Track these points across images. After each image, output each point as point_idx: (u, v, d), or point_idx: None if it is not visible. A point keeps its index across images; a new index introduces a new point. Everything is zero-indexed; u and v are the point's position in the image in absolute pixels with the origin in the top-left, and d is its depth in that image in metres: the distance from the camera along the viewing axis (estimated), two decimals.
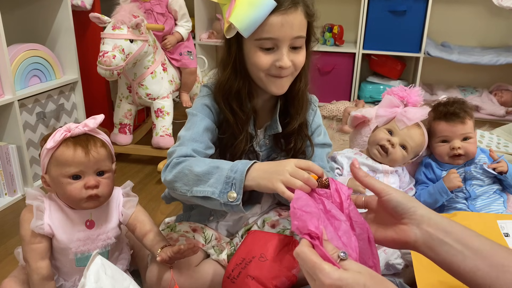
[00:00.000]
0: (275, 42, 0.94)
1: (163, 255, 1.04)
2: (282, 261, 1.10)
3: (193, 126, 1.05)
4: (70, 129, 1.03)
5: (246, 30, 0.92)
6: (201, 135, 1.04)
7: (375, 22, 3.04)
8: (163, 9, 2.16)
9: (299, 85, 1.04)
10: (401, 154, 1.34)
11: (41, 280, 1.05)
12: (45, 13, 2.09)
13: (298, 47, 0.97)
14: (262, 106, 1.11)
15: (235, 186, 0.87)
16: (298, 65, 0.99)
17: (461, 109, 1.38)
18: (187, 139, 1.03)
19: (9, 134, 1.83)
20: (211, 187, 0.90)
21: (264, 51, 0.96)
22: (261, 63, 0.96)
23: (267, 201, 1.33)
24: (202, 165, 0.93)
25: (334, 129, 2.73)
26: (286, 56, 0.95)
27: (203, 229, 1.22)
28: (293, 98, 1.06)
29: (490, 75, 3.22)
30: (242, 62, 1.01)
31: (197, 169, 0.92)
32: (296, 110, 1.07)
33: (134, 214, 1.15)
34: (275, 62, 0.96)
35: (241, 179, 0.87)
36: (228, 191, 0.88)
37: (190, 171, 0.94)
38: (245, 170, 0.87)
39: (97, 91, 2.34)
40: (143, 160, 2.19)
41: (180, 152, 1.00)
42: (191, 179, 0.94)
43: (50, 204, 1.08)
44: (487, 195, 1.37)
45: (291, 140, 1.09)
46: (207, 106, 1.07)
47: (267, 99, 1.09)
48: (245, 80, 1.02)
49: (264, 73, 0.98)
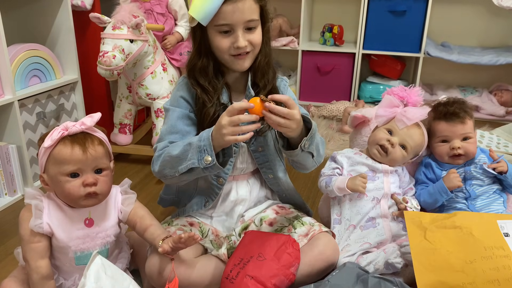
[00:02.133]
0: (230, 26, 1.09)
1: (165, 246, 1.05)
2: (280, 259, 1.11)
3: (167, 120, 1.21)
4: (68, 127, 1.04)
5: (204, 19, 1.08)
6: (175, 126, 1.18)
7: (375, 22, 3.04)
8: (163, 9, 2.16)
9: (259, 59, 1.18)
10: (400, 154, 1.34)
11: (41, 280, 1.05)
12: (45, 13, 2.09)
13: (252, 27, 1.12)
14: (235, 81, 1.23)
15: (206, 151, 1.04)
16: (255, 43, 1.13)
17: (461, 109, 1.37)
18: (164, 133, 1.19)
19: (9, 134, 1.83)
20: (191, 160, 1.06)
21: (223, 34, 1.11)
22: (221, 45, 1.12)
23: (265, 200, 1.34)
24: (177, 148, 1.10)
25: (334, 129, 2.73)
26: (242, 37, 1.10)
27: (199, 224, 1.24)
28: (257, 71, 1.20)
29: (490, 75, 3.22)
30: (207, 45, 1.15)
31: (175, 152, 1.10)
32: (262, 79, 1.20)
33: (133, 211, 1.15)
34: (233, 44, 1.11)
35: (209, 143, 1.03)
36: (204, 157, 1.04)
37: (170, 157, 1.11)
38: (209, 136, 1.03)
39: (97, 91, 2.34)
40: (143, 160, 2.19)
41: (160, 146, 1.16)
42: (174, 162, 1.10)
43: (49, 203, 1.08)
44: (487, 195, 1.37)
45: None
46: (179, 96, 1.21)
47: (238, 76, 1.22)
48: (209, 59, 1.16)
49: (227, 55, 1.13)
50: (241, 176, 1.28)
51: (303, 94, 3.28)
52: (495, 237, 1.13)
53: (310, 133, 1.06)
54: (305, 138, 1.06)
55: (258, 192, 1.32)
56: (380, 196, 1.32)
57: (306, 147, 1.07)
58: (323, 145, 1.21)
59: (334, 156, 1.42)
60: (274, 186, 1.32)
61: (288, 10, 3.35)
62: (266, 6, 1.15)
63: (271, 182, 1.31)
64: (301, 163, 1.18)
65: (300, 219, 1.27)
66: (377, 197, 1.32)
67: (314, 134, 1.09)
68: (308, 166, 1.19)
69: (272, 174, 1.28)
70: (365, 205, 1.31)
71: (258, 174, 1.31)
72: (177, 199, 1.36)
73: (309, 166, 1.19)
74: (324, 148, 1.22)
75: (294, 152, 1.08)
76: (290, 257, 1.12)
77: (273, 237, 1.17)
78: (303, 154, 1.10)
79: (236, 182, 1.28)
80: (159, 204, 1.43)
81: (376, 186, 1.33)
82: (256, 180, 1.32)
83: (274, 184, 1.32)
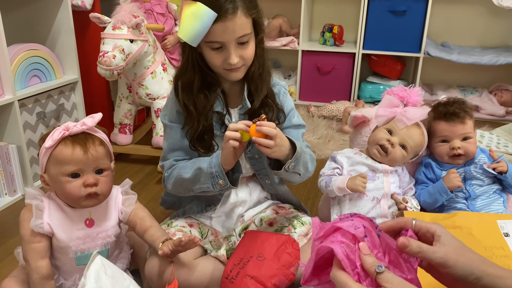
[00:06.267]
0: (221, 43, 1.08)
1: (164, 249, 1.05)
2: (280, 259, 1.11)
3: (167, 136, 1.23)
4: (68, 127, 1.04)
5: (193, 41, 1.07)
6: (176, 143, 1.21)
7: (375, 22, 3.04)
8: (163, 9, 2.16)
9: (253, 70, 1.18)
10: (400, 154, 1.34)
11: (41, 280, 1.05)
12: (45, 13, 2.09)
13: (245, 42, 1.10)
14: (231, 89, 1.23)
15: (219, 177, 1.10)
16: (247, 58, 1.13)
17: (461, 109, 1.37)
18: (166, 151, 1.23)
19: (9, 134, 1.83)
20: (205, 184, 1.12)
21: (215, 51, 1.10)
22: (214, 62, 1.11)
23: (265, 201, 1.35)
24: (188, 170, 1.15)
25: (334, 129, 2.73)
26: (234, 54, 1.09)
27: (199, 225, 1.24)
28: (251, 81, 1.20)
29: (490, 75, 3.22)
30: (196, 59, 1.14)
31: (186, 175, 1.14)
32: (256, 89, 1.20)
33: (133, 211, 1.15)
34: (225, 60, 1.10)
35: (221, 170, 1.09)
36: (217, 182, 1.10)
37: (182, 179, 1.16)
38: (219, 163, 1.08)
39: (97, 91, 2.34)
40: (143, 160, 2.19)
41: (166, 165, 1.22)
42: (187, 184, 1.16)
43: (49, 203, 1.08)
44: (487, 195, 1.37)
45: (261, 113, 1.18)
46: (176, 111, 1.21)
47: (233, 83, 1.22)
48: (195, 73, 1.15)
49: (220, 69, 1.13)
50: (241, 180, 1.28)
51: (303, 94, 3.28)
52: (495, 237, 1.13)
53: (295, 156, 1.08)
54: (290, 160, 1.08)
55: (258, 194, 1.33)
56: (380, 196, 1.32)
57: (291, 168, 1.09)
58: (312, 162, 1.22)
59: (334, 156, 1.42)
60: (272, 191, 1.34)
61: (288, 10, 3.35)
62: (260, 18, 1.13)
63: (268, 187, 1.32)
64: (287, 180, 1.21)
65: (300, 218, 1.27)
66: (377, 197, 1.32)
67: (299, 157, 1.10)
68: (295, 182, 1.21)
69: (268, 180, 1.29)
70: (365, 205, 1.31)
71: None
72: (179, 202, 1.36)
73: (296, 181, 1.21)
74: (314, 164, 1.23)
75: (279, 172, 1.10)
76: (290, 257, 1.12)
77: (273, 237, 1.17)
78: (288, 173, 1.12)
79: None
80: (161, 205, 1.43)
81: (376, 186, 1.33)
82: (256, 183, 1.32)
83: (272, 189, 1.33)
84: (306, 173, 1.18)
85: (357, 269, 0.64)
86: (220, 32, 1.05)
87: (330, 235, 0.68)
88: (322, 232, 0.69)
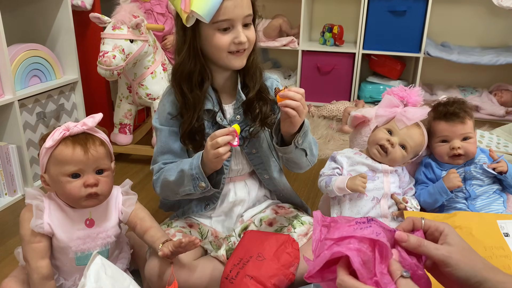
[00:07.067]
0: (230, 22, 1.08)
1: (164, 250, 1.05)
2: (279, 259, 1.11)
3: (158, 139, 1.23)
4: (69, 128, 1.04)
5: (208, 15, 1.05)
6: (165, 146, 1.21)
7: (375, 22, 3.04)
8: (163, 9, 2.16)
9: (253, 57, 1.17)
10: (400, 154, 1.34)
11: (41, 280, 1.05)
12: (45, 13, 2.09)
13: (248, 23, 1.12)
14: (224, 85, 1.22)
15: (199, 179, 1.08)
16: (252, 40, 1.13)
17: (461, 109, 1.37)
18: (156, 154, 1.23)
19: (9, 134, 1.83)
20: (187, 186, 1.11)
21: (222, 32, 1.09)
22: (221, 43, 1.09)
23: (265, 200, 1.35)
24: (173, 173, 1.14)
25: (334, 129, 2.73)
26: (242, 32, 1.09)
27: (199, 225, 1.24)
28: (249, 69, 1.19)
29: (490, 75, 3.22)
30: (196, 48, 1.12)
31: (171, 178, 1.14)
32: (252, 79, 1.19)
33: (133, 212, 1.15)
34: (234, 40, 1.09)
35: (200, 171, 1.07)
36: (198, 184, 1.09)
37: (168, 182, 1.16)
38: (199, 164, 1.07)
39: (97, 91, 2.34)
40: (143, 160, 2.19)
41: (155, 169, 1.22)
42: (172, 186, 1.16)
43: (50, 203, 1.08)
44: (487, 195, 1.37)
45: (256, 106, 1.19)
46: (167, 113, 1.20)
47: (227, 78, 1.21)
48: (197, 63, 1.13)
49: (225, 52, 1.10)
50: (238, 178, 1.29)
51: None
52: (495, 237, 1.13)
53: (303, 129, 1.09)
54: (298, 134, 1.08)
55: (257, 193, 1.32)
56: (380, 196, 1.32)
57: (300, 143, 1.10)
58: (315, 145, 1.23)
59: (334, 156, 1.42)
60: (271, 186, 1.33)
61: (288, 10, 3.35)
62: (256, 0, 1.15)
63: (267, 183, 1.32)
64: (295, 162, 1.20)
65: (300, 218, 1.27)
66: (377, 197, 1.32)
67: (307, 131, 1.11)
68: (302, 165, 1.21)
69: (267, 174, 1.29)
70: (365, 205, 1.31)
71: (256, 175, 1.32)
72: (178, 204, 1.36)
73: (304, 165, 1.21)
74: (317, 149, 1.24)
75: (288, 149, 1.11)
76: (290, 256, 1.12)
77: (273, 236, 1.17)
78: (297, 151, 1.12)
79: (234, 184, 1.28)
80: (160, 208, 1.44)
81: (376, 186, 1.33)
82: (254, 180, 1.32)
83: (270, 184, 1.32)
84: (311, 156, 1.19)
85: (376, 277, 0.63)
86: (231, 7, 1.05)
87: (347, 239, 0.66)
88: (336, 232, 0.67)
